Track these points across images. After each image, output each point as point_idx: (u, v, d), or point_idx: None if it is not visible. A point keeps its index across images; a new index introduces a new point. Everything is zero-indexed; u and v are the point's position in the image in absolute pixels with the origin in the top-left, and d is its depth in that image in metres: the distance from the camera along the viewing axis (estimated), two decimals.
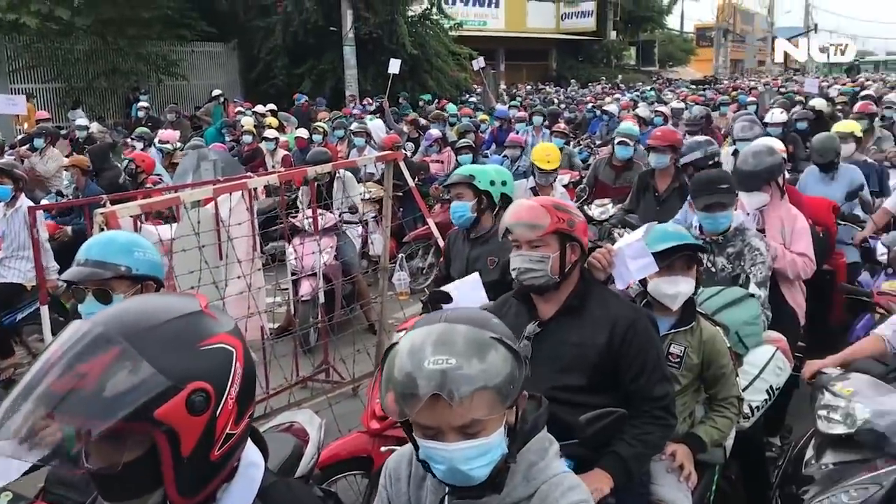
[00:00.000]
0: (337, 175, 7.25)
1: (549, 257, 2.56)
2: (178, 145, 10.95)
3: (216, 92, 17.61)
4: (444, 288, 3.98)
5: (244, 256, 4.84)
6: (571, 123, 14.91)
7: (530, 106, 16.02)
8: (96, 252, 2.76)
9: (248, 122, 13.01)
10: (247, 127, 12.09)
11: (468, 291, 3.83)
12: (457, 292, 3.87)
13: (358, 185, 7.81)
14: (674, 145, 6.12)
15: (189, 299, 1.40)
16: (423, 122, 13.53)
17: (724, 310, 3.54)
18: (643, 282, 3.10)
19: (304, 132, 11.86)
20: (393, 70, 16.50)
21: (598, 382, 2.55)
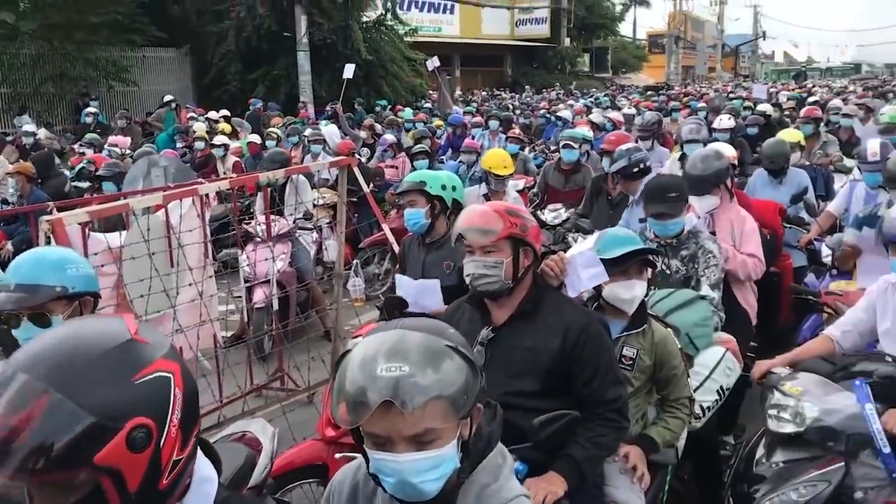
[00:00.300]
0: (290, 179, 7.19)
1: (502, 263, 2.56)
2: (127, 151, 10.77)
3: (168, 98, 17.39)
4: (401, 279, 3.97)
5: (196, 264, 4.76)
6: (528, 129, 15.02)
7: (486, 112, 16.07)
8: (26, 273, 2.57)
9: (201, 128, 12.81)
10: (199, 133, 11.90)
11: (425, 295, 3.83)
12: (413, 292, 3.87)
13: (312, 190, 7.74)
14: None
15: (118, 325, 1.31)
16: (379, 127, 13.50)
17: (675, 312, 3.59)
18: (597, 286, 3.13)
19: (256, 138, 11.71)
20: (347, 75, 16.40)
21: (551, 387, 2.56)
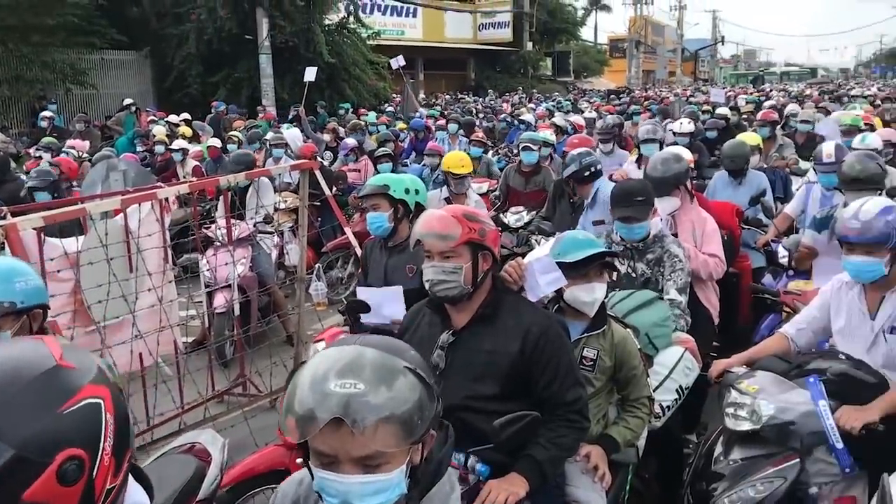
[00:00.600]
0: (252, 183, 7.11)
1: (461, 268, 2.55)
2: (85, 155, 10.59)
3: (128, 101, 17.16)
4: (362, 291, 3.96)
5: (155, 269, 4.72)
6: (491, 133, 15.06)
7: (450, 115, 16.09)
8: None
9: (161, 131, 12.66)
10: (159, 137, 11.78)
11: (388, 303, 3.82)
12: (375, 300, 3.86)
13: (273, 193, 7.69)
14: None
15: (41, 350, 1.25)
16: (342, 131, 13.44)
17: (635, 312, 3.63)
18: (558, 289, 3.15)
19: (216, 141, 11.58)
20: (309, 78, 16.29)
21: (511, 390, 2.56)
